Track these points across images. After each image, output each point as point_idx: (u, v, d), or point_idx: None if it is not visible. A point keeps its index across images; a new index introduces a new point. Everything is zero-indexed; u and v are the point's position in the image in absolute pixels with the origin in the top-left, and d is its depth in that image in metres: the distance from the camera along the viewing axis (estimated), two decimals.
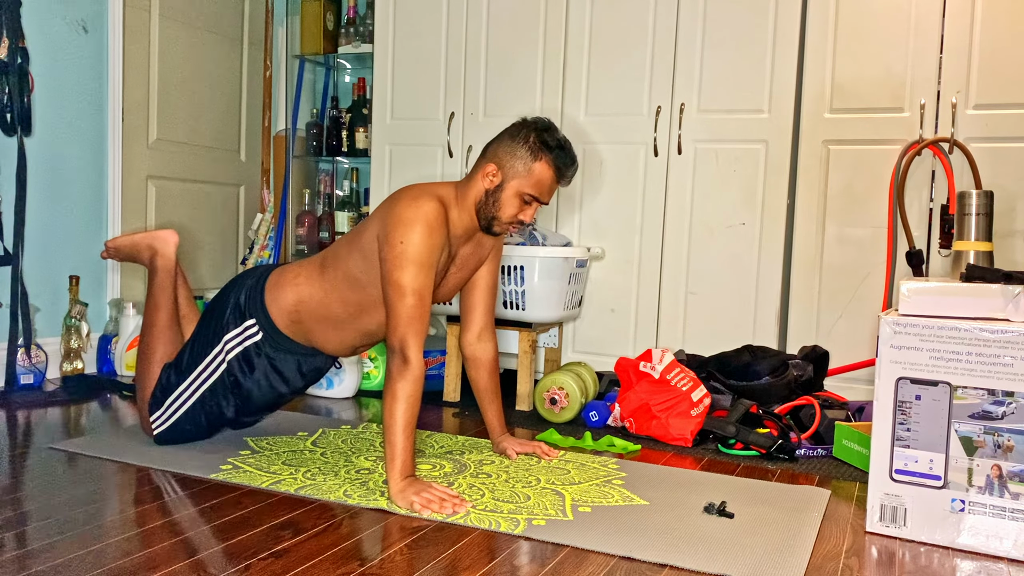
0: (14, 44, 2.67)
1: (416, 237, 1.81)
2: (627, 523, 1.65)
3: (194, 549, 1.45)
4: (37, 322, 2.85)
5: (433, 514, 1.66)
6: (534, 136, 1.90)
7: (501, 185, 1.91)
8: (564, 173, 1.93)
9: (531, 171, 1.90)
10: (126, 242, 2.25)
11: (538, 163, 1.90)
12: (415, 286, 1.80)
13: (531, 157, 1.89)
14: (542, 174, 1.90)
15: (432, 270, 1.85)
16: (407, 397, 1.75)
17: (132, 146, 3.23)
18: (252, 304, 2.00)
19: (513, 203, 1.92)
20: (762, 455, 2.22)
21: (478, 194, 1.93)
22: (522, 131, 1.92)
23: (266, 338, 1.99)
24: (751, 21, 2.80)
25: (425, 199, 1.87)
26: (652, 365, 2.46)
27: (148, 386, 2.08)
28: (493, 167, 1.91)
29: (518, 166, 1.90)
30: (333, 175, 4.02)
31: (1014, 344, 1.55)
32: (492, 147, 1.95)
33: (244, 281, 2.06)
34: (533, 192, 1.91)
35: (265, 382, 2.01)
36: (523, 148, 1.90)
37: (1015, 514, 1.56)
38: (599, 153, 3.03)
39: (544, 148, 1.90)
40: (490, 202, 1.92)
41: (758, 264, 2.82)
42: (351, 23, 3.73)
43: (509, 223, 1.95)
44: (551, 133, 1.92)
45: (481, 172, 1.93)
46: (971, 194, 2.10)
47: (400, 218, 1.84)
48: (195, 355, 2.03)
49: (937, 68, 2.61)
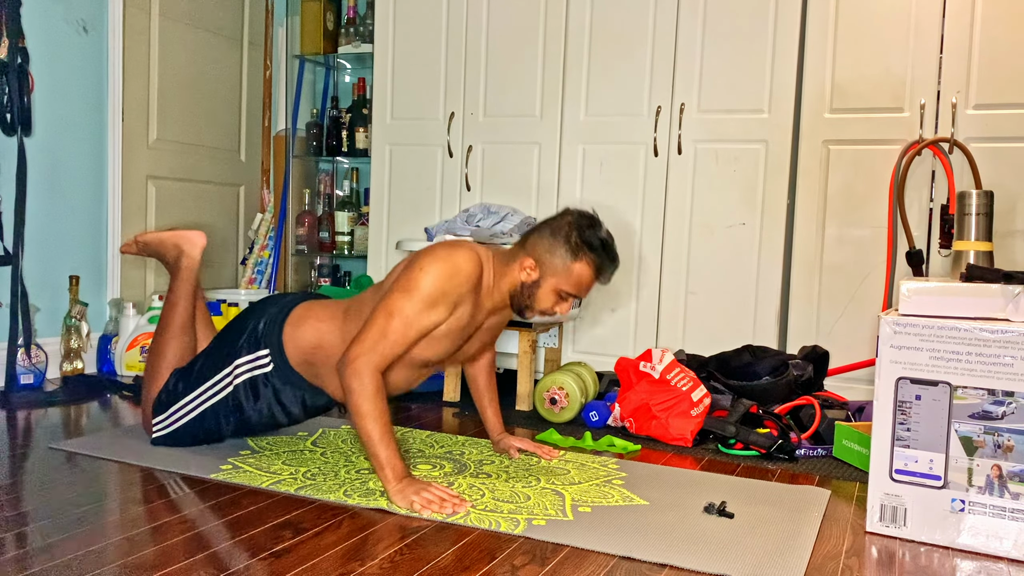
0: (14, 44, 2.67)
1: (439, 271, 1.77)
2: (627, 523, 1.65)
3: (194, 549, 1.45)
4: (37, 322, 2.85)
5: (433, 514, 1.66)
6: (576, 234, 1.82)
7: (538, 281, 1.84)
8: (604, 273, 1.86)
9: (570, 270, 1.83)
10: (154, 238, 2.22)
11: (578, 263, 1.82)
12: (409, 316, 1.76)
13: (571, 256, 1.82)
14: (581, 274, 1.83)
15: (435, 313, 1.78)
16: (370, 412, 1.72)
17: (132, 146, 3.23)
18: (269, 334, 1.97)
19: (549, 298, 1.86)
20: (762, 455, 2.22)
21: (514, 282, 1.87)
22: (564, 227, 1.83)
23: (276, 371, 1.96)
24: (751, 21, 2.80)
25: (466, 249, 1.83)
26: (652, 365, 2.46)
27: (155, 387, 2.08)
28: (532, 262, 1.84)
29: (557, 264, 1.83)
30: (333, 175, 4.02)
31: (1014, 344, 1.55)
32: (532, 239, 1.87)
33: (267, 308, 2.02)
34: (571, 291, 1.85)
35: (267, 411, 1.99)
36: (564, 247, 1.82)
37: (1015, 514, 1.56)
38: (599, 153, 3.03)
39: (586, 248, 1.82)
40: (526, 294, 1.86)
41: (758, 264, 2.82)
42: (351, 23, 3.73)
43: (542, 314, 1.90)
44: (594, 231, 1.84)
45: (519, 264, 1.86)
46: (971, 194, 2.10)
47: (432, 252, 1.81)
48: (205, 370, 2.01)
49: (937, 68, 2.61)
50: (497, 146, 3.18)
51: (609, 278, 1.89)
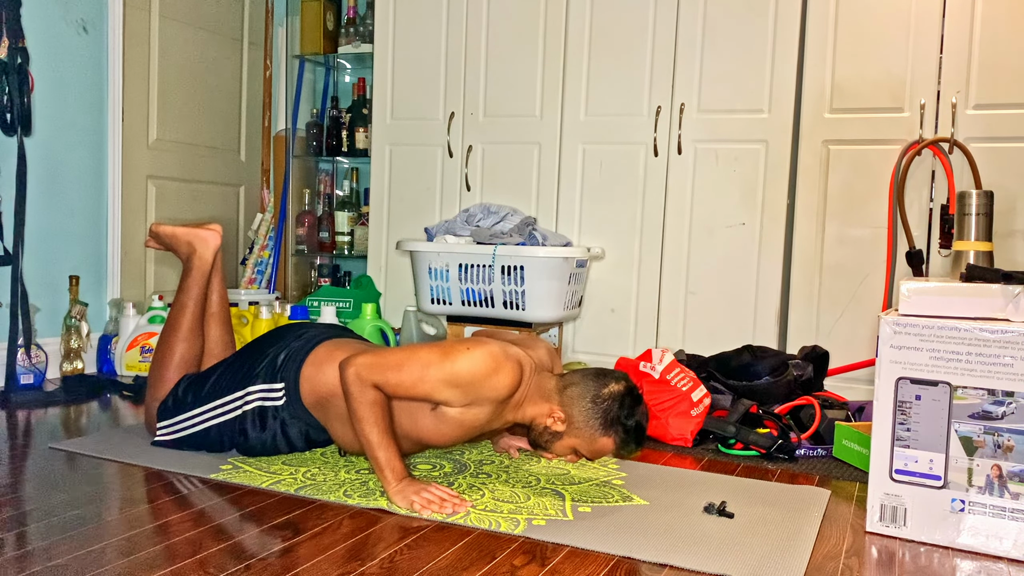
0: (14, 44, 2.67)
1: (479, 366, 1.73)
2: (627, 523, 1.65)
3: (194, 549, 1.45)
4: (37, 322, 2.85)
5: (433, 514, 1.66)
6: (616, 411, 1.78)
7: (561, 435, 1.83)
8: (625, 453, 1.85)
9: (595, 440, 1.81)
10: (168, 232, 2.18)
11: (606, 438, 1.80)
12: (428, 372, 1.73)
13: (602, 430, 1.79)
14: (604, 446, 1.82)
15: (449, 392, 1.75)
16: (367, 416, 1.72)
17: (132, 146, 3.23)
18: (288, 369, 1.94)
19: (564, 450, 1.85)
20: (762, 455, 2.22)
21: (540, 422, 1.84)
22: (607, 400, 1.78)
23: (287, 406, 1.94)
24: (751, 21, 2.80)
25: (514, 363, 1.78)
26: (652, 365, 2.46)
27: (162, 388, 2.06)
28: (563, 415, 1.81)
29: (585, 430, 1.79)
30: (333, 175, 4.02)
31: (1014, 344, 1.55)
32: (573, 393, 1.81)
33: (290, 341, 1.99)
34: (588, 455, 1.85)
35: (270, 441, 1.98)
36: (599, 419, 1.78)
37: (1015, 514, 1.56)
38: (599, 153, 3.03)
39: (619, 429, 1.79)
40: (544, 437, 1.85)
41: (758, 264, 2.82)
42: (351, 23, 3.73)
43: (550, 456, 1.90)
44: (632, 413, 1.79)
45: (551, 410, 1.82)
46: (971, 194, 2.10)
47: (488, 346, 1.77)
48: (218, 388, 1.99)
49: (937, 68, 2.61)
50: (497, 146, 3.18)
51: (627, 456, 1.88)
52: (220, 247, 2.17)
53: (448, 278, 2.86)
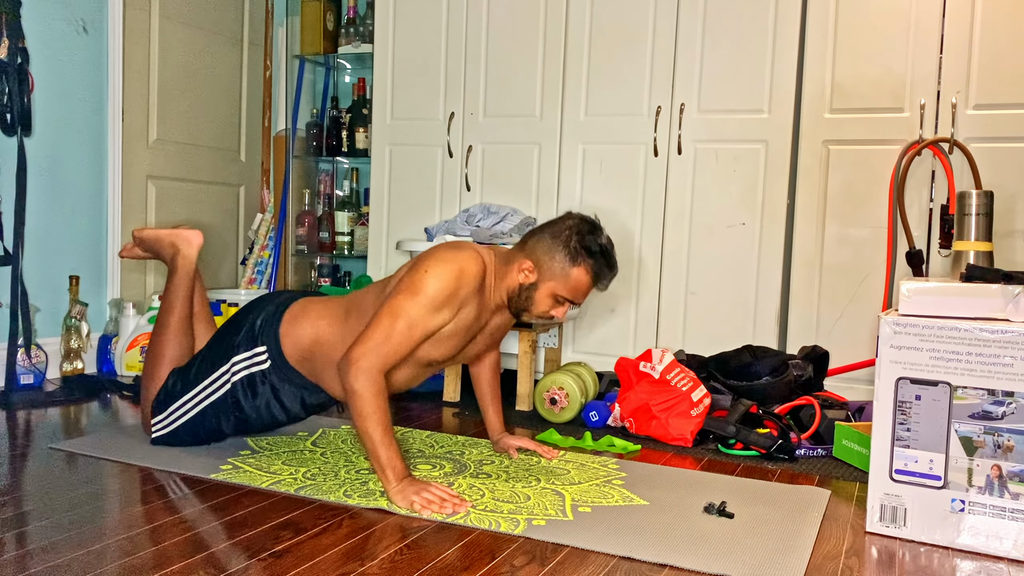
0: (14, 44, 2.67)
1: (444, 273, 1.77)
2: (627, 523, 1.65)
3: (194, 549, 1.45)
4: (37, 322, 2.85)
5: (433, 514, 1.66)
6: (576, 239, 1.82)
7: (536, 284, 1.85)
8: (602, 280, 1.87)
9: (568, 275, 1.83)
10: (151, 235, 2.22)
11: (576, 268, 1.82)
12: (414, 317, 1.76)
13: (569, 261, 1.82)
14: (579, 279, 1.84)
15: (440, 316, 1.78)
16: (371, 414, 1.72)
17: (132, 146, 3.23)
18: (266, 331, 1.96)
19: (546, 302, 1.86)
20: (762, 455, 2.22)
21: (512, 284, 1.87)
22: (564, 231, 1.84)
23: (273, 368, 1.96)
24: (751, 21, 2.80)
25: (469, 250, 1.83)
26: (652, 365, 2.46)
27: (153, 387, 2.08)
28: (530, 264, 1.85)
29: (555, 268, 1.83)
30: (333, 175, 4.02)
31: (1014, 344, 1.55)
32: (532, 242, 1.87)
33: (264, 306, 2.02)
34: (568, 296, 1.86)
35: (265, 409, 1.99)
36: (563, 251, 1.82)
37: (1015, 514, 1.56)
38: (599, 153, 3.03)
39: (585, 253, 1.82)
40: (523, 297, 1.87)
41: (758, 264, 2.82)
42: (351, 23, 3.73)
43: (539, 317, 1.90)
44: (594, 236, 1.84)
45: (518, 264, 1.86)
46: (971, 194, 2.10)
47: (435, 254, 1.81)
48: (203, 369, 2.01)
49: (937, 68, 2.61)
50: (497, 146, 3.18)
51: (607, 285, 1.89)
52: (202, 246, 2.19)
53: None
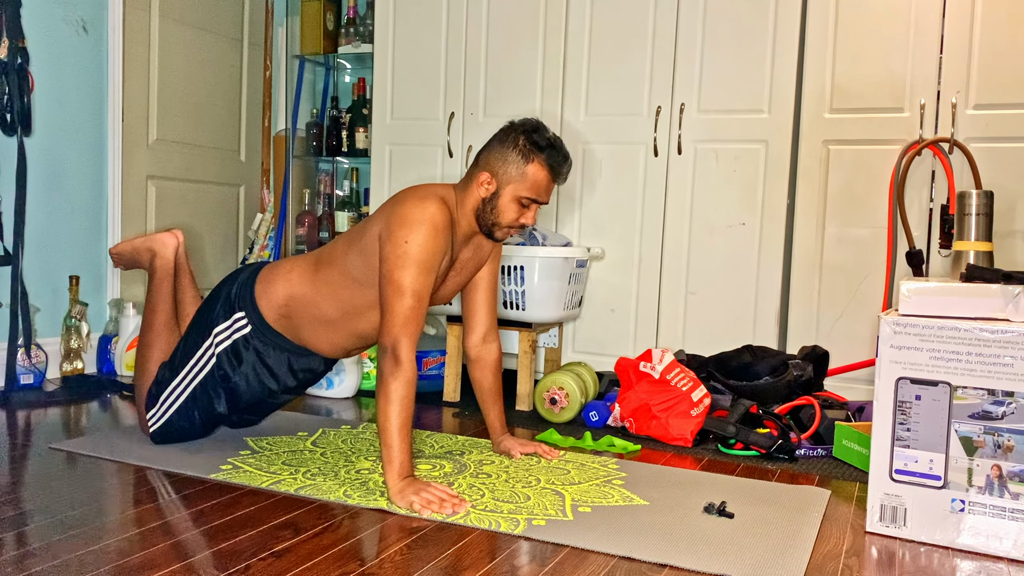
0: (14, 44, 2.67)
1: (421, 238, 1.80)
2: (627, 523, 1.65)
3: (194, 549, 1.45)
4: (37, 322, 2.85)
5: (433, 514, 1.66)
6: (523, 139, 1.88)
7: (497, 192, 1.89)
8: (559, 171, 1.91)
9: (525, 174, 1.88)
10: (127, 247, 2.27)
11: (531, 165, 1.87)
12: (415, 287, 1.80)
13: (523, 160, 1.87)
14: (536, 175, 1.88)
15: (433, 272, 1.84)
16: (401, 399, 1.74)
17: (132, 146, 3.23)
18: (242, 297, 2.00)
19: (512, 208, 1.90)
20: (762, 455, 2.22)
21: (475, 202, 1.92)
22: (511, 135, 1.90)
23: (255, 331, 1.98)
24: (751, 21, 2.80)
25: (432, 200, 1.85)
26: (652, 365, 2.46)
27: (145, 385, 2.09)
28: (487, 175, 1.89)
29: (511, 171, 1.88)
30: (333, 175, 4.02)
31: (1014, 344, 1.55)
32: (483, 155, 1.93)
33: (237, 276, 2.06)
34: (530, 195, 1.89)
35: (254, 376, 2.00)
36: (514, 152, 1.88)
37: (1015, 514, 1.56)
38: (599, 153, 3.03)
39: (535, 149, 1.87)
40: (488, 209, 1.91)
41: (758, 264, 2.82)
42: (351, 23, 3.73)
43: (510, 227, 1.93)
44: (540, 133, 1.89)
45: (476, 181, 1.91)
46: (971, 194, 2.10)
47: (406, 218, 1.83)
48: (187, 350, 2.04)
49: (937, 68, 2.61)
50: None
51: (565, 177, 1.94)
52: (180, 246, 2.22)
53: None
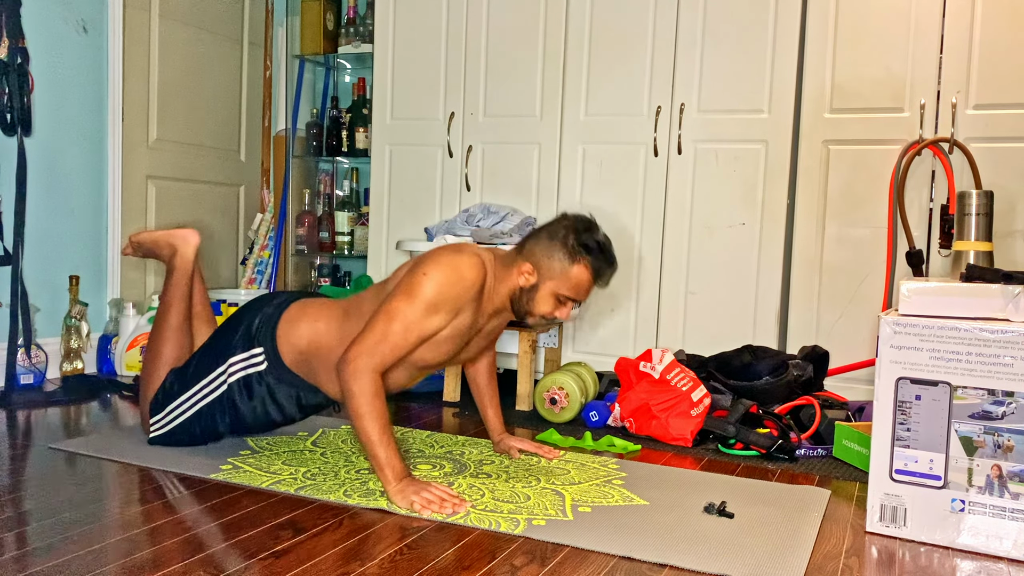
0: (14, 44, 2.67)
1: (442, 277, 1.77)
2: (627, 523, 1.65)
3: (194, 549, 1.45)
4: (37, 322, 2.85)
5: (433, 514, 1.66)
6: (573, 238, 1.82)
7: (536, 285, 1.85)
8: (602, 276, 1.87)
9: (568, 274, 1.83)
10: (148, 238, 2.24)
11: (576, 266, 1.83)
12: (411, 320, 1.76)
13: (568, 260, 1.82)
14: (580, 277, 1.84)
15: (437, 319, 1.78)
16: (367, 413, 1.72)
17: (132, 146, 3.22)
18: (263, 332, 1.96)
19: (548, 302, 1.86)
20: (762, 455, 2.22)
21: (513, 287, 1.87)
22: (561, 231, 1.84)
23: (270, 369, 1.95)
24: (751, 21, 2.80)
25: (470, 254, 1.82)
26: (652, 365, 2.46)
27: (152, 386, 2.08)
28: (529, 267, 1.85)
29: (555, 267, 1.83)
30: (333, 175, 4.02)
31: (1014, 344, 1.55)
32: (530, 244, 1.87)
33: (262, 307, 2.02)
34: (570, 295, 1.85)
35: (261, 409, 1.99)
36: (561, 250, 1.82)
37: (1015, 514, 1.56)
38: (599, 153, 3.03)
39: (583, 251, 1.82)
40: (525, 299, 1.87)
41: (758, 264, 2.82)
42: (351, 23, 3.73)
43: (543, 318, 1.90)
44: (591, 234, 1.84)
45: (517, 268, 1.86)
46: (971, 194, 2.10)
47: (437, 258, 1.80)
48: (200, 369, 2.01)
49: (937, 68, 2.61)
50: (497, 146, 3.17)
51: (607, 281, 1.89)
52: (199, 246, 2.20)
53: None
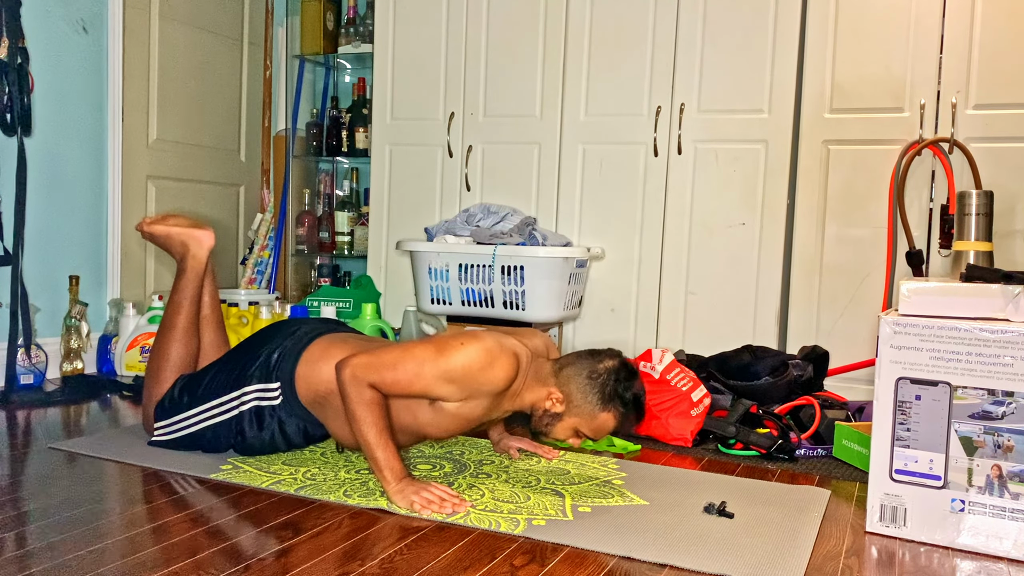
0: (14, 44, 2.67)
1: (474, 359, 1.74)
2: (627, 523, 1.65)
3: (194, 549, 1.45)
4: (37, 322, 2.85)
5: (433, 514, 1.66)
6: (612, 386, 1.80)
7: (561, 415, 1.83)
8: (626, 426, 1.86)
9: (595, 417, 1.82)
10: (162, 231, 2.16)
11: (605, 413, 1.81)
12: (426, 370, 1.73)
13: (600, 404, 1.80)
14: (605, 423, 1.83)
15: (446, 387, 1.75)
16: (363, 416, 1.72)
17: (132, 146, 3.22)
18: (282, 369, 1.93)
19: (567, 432, 1.86)
20: (762, 455, 2.22)
21: (539, 404, 1.85)
22: (603, 374, 1.81)
23: (284, 404, 1.93)
24: (751, 21, 2.80)
25: (510, 354, 1.78)
26: (652, 365, 2.46)
27: (158, 389, 2.06)
28: (560, 396, 1.82)
29: (585, 407, 1.81)
30: (333, 175, 4.02)
31: (1014, 344, 1.55)
32: (569, 373, 1.83)
33: (283, 339, 1.98)
34: (589, 434, 1.85)
35: (268, 440, 1.97)
36: (598, 394, 1.80)
37: (1015, 514, 1.56)
38: (599, 153, 3.03)
39: (619, 402, 1.80)
40: (544, 421, 1.85)
41: (758, 264, 2.82)
42: (351, 23, 3.73)
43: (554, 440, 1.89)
44: (629, 386, 1.81)
45: (548, 392, 1.83)
46: (971, 194, 2.10)
47: (480, 337, 1.77)
48: (213, 388, 1.98)
49: (937, 68, 2.61)
50: (497, 146, 3.18)
51: (628, 431, 1.87)
52: (213, 247, 2.17)
53: (448, 278, 2.86)
